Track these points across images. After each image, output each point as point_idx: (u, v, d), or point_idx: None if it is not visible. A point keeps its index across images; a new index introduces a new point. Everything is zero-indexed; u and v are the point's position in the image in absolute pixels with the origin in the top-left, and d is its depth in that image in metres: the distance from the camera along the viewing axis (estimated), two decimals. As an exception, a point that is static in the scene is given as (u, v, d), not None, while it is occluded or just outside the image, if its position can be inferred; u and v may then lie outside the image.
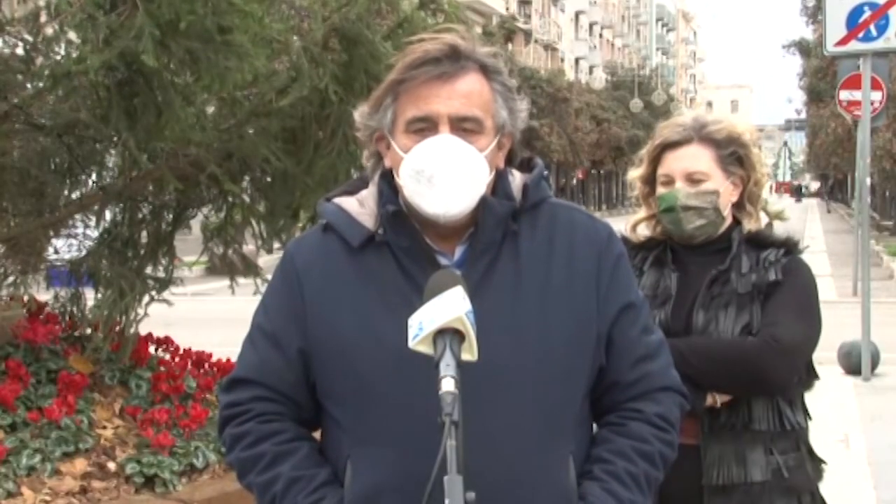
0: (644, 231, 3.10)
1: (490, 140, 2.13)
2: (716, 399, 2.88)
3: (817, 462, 3.04)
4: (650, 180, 3.04)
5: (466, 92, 2.11)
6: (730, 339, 2.88)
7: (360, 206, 2.20)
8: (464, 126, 2.10)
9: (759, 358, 2.84)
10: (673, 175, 2.95)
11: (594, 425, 2.24)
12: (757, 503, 2.90)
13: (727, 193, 2.97)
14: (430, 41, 2.14)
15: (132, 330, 5.52)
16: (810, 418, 3.07)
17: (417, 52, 2.12)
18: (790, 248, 3.00)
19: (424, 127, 2.10)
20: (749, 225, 3.02)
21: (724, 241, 2.99)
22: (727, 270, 2.95)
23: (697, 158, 2.94)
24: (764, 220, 3.10)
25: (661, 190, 2.98)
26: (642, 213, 3.09)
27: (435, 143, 2.09)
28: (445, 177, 2.07)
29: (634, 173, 3.08)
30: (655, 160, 3.00)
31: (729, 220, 3.01)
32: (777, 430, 2.91)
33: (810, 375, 3.03)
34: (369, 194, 2.21)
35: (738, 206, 3.02)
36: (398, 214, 2.14)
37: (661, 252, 3.02)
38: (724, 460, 2.88)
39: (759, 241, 3.01)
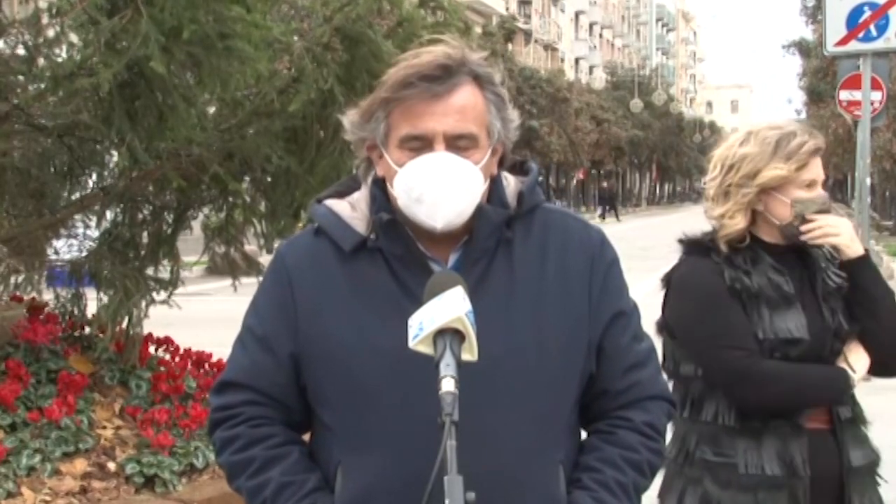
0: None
1: (485, 152, 2.12)
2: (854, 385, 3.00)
3: None
4: (777, 185, 2.98)
5: (460, 107, 2.09)
6: None
7: (352, 210, 2.18)
8: (458, 143, 2.08)
9: None
10: (818, 180, 3.00)
11: (582, 433, 2.24)
12: (877, 475, 3.09)
13: None
14: (423, 54, 2.11)
15: (136, 330, 5.53)
16: None
17: (410, 66, 2.09)
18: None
19: (419, 145, 2.08)
20: None
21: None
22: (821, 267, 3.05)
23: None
24: None
25: (804, 193, 2.97)
26: (741, 223, 3.00)
27: (426, 164, 2.07)
28: (435, 196, 2.06)
29: (776, 172, 2.95)
30: (804, 165, 2.97)
31: None
32: (860, 413, 3.09)
33: None
34: (361, 198, 2.19)
35: None
36: (392, 223, 2.12)
37: (756, 255, 3.01)
38: (857, 443, 3.02)
39: None
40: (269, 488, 2.11)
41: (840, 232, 2.97)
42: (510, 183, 2.21)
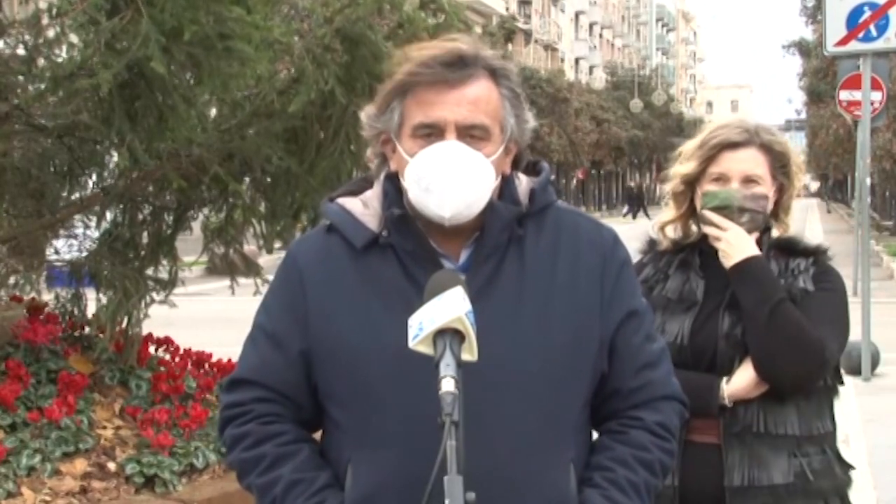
0: (671, 233, 3.07)
1: (497, 146, 2.13)
2: (724, 397, 2.86)
3: (846, 467, 3.02)
4: (692, 179, 3.00)
5: (474, 98, 2.10)
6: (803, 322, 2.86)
7: (364, 208, 2.19)
8: (471, 133, 2.10)
9: (816, 356, 2.84)
10: (730, 175, 2.94)
11: (593, 433, 2.25)
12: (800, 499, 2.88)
13: (771, 200, 2.99)
14: (437, 46, 2.13)
15: (136, 330, 5.53)
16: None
17: (425, 54, 2.11)
18: (819, 256, 3.02)
19: (431, 133, 2.10)
20: (777, 233, 3.05)
21: None
22: None
23: (756, 162, 2.94)
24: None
25: (711, 187, 2.95)
26: (671, 212, 3.05)
27: (437, 152, 2.08)
28: (445, 185, 2.07)
29: (681, 169, 3.00)
30: (709, 158, 2.95)
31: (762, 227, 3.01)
32: (802, 434, 2.90)
33: (836, 381, 3.01)
34: (374, 195, 2.20)
35: (771, 213, 3.03)
36: (404, 218, 2.13)
37: (688, 255, 3.00)
38: (746, 462, 2.87)
39: (788, 248, 3.01)
40: (279, 485, 2.12)
41: (720, 238, 2.92)
42: (522, 182, 2.22)
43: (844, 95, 15.40)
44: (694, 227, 3.05)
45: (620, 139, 64.64)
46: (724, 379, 2.87)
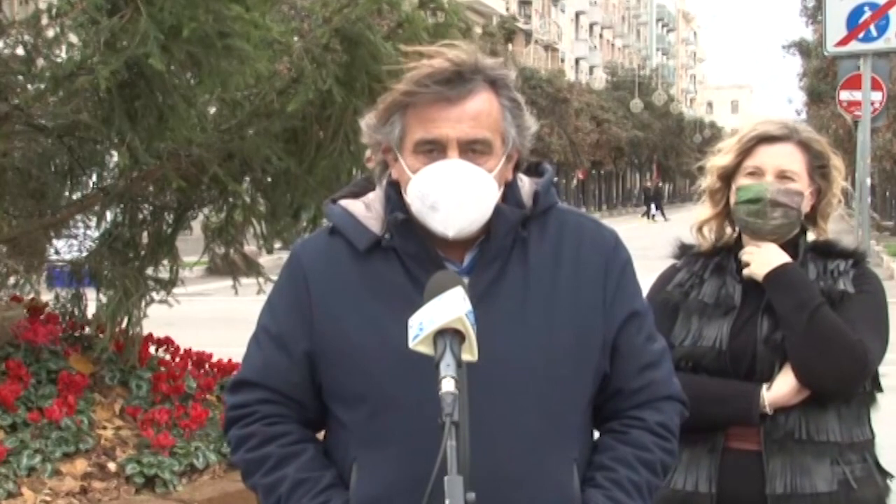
0: (707, 234, 3.02)
1: (499, 159, 2.13)
2: (765, 405, 2.82)
3: (885, 475, 2.98)
4: (728, 174, 2.97)
5: (475, 113, 2.10)
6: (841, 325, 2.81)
7: (367, 210, 2.20)
8: (473, 148, 2.09)
9: (858, 360, 2.80)
10: (764, 168, 2.90)
11: (595, 433, 2.26)
12: None
13: (807, 200, 2.95)
14: (436, 58, 2.12)
15: (136, 330, 5.53)
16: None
17: (425, 68, 2.10)
18: (858, 258, 2.98)
19: (433, 149, 2.09)
20: (814, 237, 3.01)
21: (789, 248, 2.93)
22: None
23: (793, 157, 2.91)
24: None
25: (745, 181, 2.91)
26: (707, 211, 3.02)
27: (440, 171, 2.08)
28: (449, 205, 2.07)
29: (717, 161, 2.97)
30: (746, 152, 2.93)
31: (798, 228, 2.97)
32: (844, 441, 2.86)
33: (874, 387, 2.96)
34: (376, 198, 2.21)
35: (808, 217, 2.99)
36: (407, 222, 2.14)
37: (724, 259, 2.97)
38: (788, 470, 2.82)
39: (826, 250, 2.98)
40: (284, 485, 2.14)
41: (751, 260, 2.90)
42: (525, 184, 2.23)
43: (844, 95, 15.41)
44: (728, 229, 3.02)
45: (620, 139, 64.61)
46: (765, 386, 2.83)
